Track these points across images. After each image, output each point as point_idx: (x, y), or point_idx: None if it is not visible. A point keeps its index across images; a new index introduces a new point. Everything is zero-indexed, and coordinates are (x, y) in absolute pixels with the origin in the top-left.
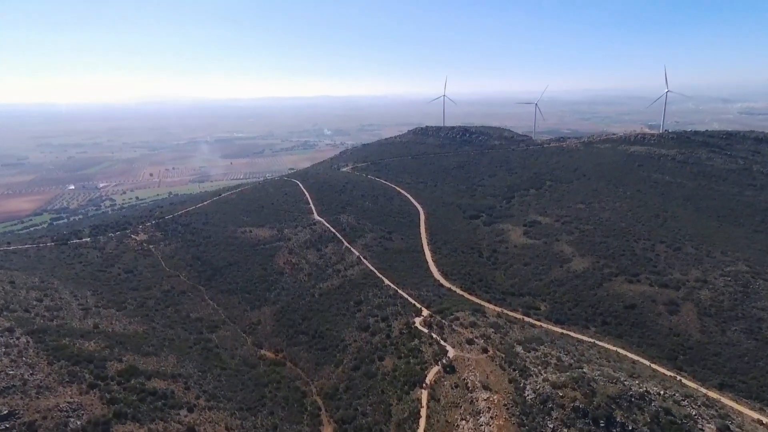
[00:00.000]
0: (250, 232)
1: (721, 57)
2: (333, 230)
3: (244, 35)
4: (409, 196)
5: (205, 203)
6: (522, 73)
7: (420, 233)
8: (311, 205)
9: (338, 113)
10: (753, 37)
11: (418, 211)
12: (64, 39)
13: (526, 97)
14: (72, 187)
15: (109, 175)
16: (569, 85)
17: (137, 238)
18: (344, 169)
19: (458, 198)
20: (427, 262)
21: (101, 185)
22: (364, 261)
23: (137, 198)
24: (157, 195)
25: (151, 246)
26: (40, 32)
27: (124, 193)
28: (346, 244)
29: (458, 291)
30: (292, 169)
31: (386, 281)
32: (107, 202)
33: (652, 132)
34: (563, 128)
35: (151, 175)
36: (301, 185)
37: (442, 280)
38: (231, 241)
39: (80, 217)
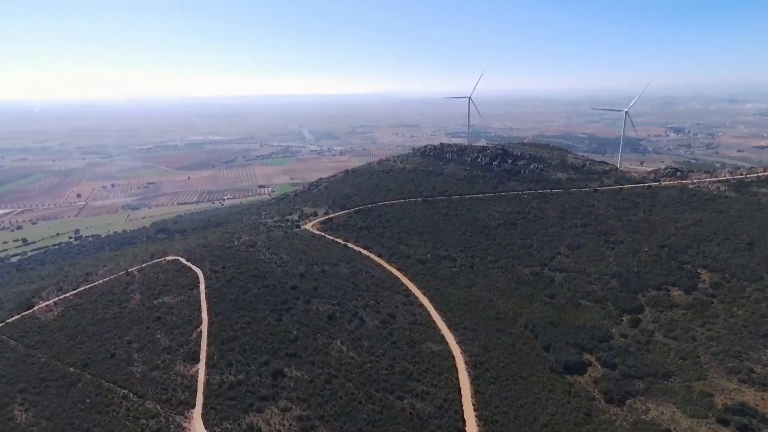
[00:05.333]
0: None
1: (708, 57)
2: None
3: (239, 31)
4: (426, 301)
5: None
6: (516, 71)
7: None
8: (200, 365)
9: (328, 113)
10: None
11: (452, 357)
12: (45, 30)
13: (514, 96)
14: None
15: (26, 194)
16: (554, 84)
17: None
18: (307, 226)
19: (521, 301)
20: None
21: None
22: None
23: (23, 241)
24: (57, 234)
25: None
26: (18, 22)
27: (19, 227)
28: None
29: None
30: (263, 186)
31: None
32: None
33: None
34: (575, 131)
35: (78, 195)
36: (202, 286)
37: None
38: None
39: None
